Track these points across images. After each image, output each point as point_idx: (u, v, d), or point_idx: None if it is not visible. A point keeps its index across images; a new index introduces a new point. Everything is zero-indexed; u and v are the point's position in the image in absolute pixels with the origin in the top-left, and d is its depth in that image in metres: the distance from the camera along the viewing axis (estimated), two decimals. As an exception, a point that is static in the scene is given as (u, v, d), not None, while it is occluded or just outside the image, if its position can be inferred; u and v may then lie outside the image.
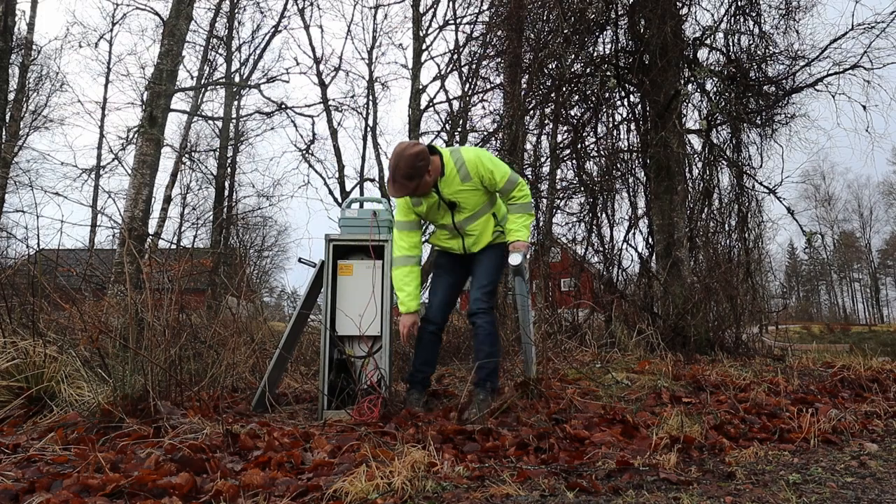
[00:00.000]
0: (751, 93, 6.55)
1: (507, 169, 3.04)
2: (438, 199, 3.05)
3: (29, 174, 16.44)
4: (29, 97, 16.54)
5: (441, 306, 3.22)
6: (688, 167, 6.39)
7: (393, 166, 2.80)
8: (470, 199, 3.04)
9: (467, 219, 3.09)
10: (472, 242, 3.16)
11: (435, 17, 16.15)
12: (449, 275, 3.28)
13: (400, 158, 2.79)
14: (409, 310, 3.07)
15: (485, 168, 2.96)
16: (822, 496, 1.69)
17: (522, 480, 1.80)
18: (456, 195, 3.02)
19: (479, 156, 2.99)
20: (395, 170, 2.80)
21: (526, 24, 6.72)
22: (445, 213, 3.10)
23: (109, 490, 1.61)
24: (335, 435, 2.46)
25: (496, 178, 2.98)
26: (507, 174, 3.02)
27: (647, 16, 5.88)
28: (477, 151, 3.03)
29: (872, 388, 3.53)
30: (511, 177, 3.03)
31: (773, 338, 6.16)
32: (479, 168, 2.95)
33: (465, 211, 3.07)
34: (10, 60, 10.48)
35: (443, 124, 15.16)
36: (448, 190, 3.00)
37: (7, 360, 2.66)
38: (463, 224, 3.11)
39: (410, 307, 3.06)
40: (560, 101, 6.54)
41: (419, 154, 2.80)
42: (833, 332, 26.40)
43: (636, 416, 2.67)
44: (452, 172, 2.97)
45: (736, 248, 6.55)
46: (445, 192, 3.01)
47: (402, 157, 2.78)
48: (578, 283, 6.53)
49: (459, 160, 2.97)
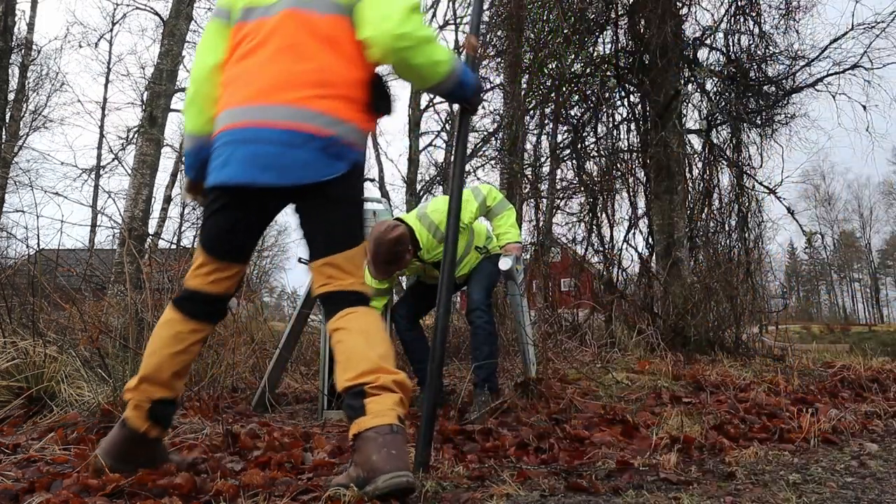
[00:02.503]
0: (751, 93, 6.55)
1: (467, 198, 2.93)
2: (423, 265, 3.05)
3: (29, 174, 16.47)
4: (29, 97, 16.55)
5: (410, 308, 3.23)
6: (688, 167, 6.40)
7: (373, 252, 2.73)
8: None
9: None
10: (462, 274, 3.17)
11: (435, 17, 16.18)
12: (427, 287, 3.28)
13: (380, 245, 2.72)
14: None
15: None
16: (822, 496, 1.69)
17: (522, 480, 1.80)
18: (438, 255, 2.97)
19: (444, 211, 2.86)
20: (376, 256, 2.75)
21: (526, 24, 6.72)
22: (432, 269, 3.09)
23: (109, 490, 1.61)
24: (335, 435, 2.46)
25: (465, 218, 2.90)
26: (471, 204, 2.93)
27: (647, 16, 5.88)
28: (441, 206, 2.92)
29: (872, 388, 3.53)
30: (476, 199, 2.97)
31: (773, 338, 6.16)
32: None
33: None
34: (10, 60, 10.49)
35: (443, 124, 15.20)
36: (430, 255, 2.98)
37: (7, 360, 2.66)
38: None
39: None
40: (560, 101, 6.54)
41: (398, 239, 2.74)
42: (833, 332, 26.39)
43: (636, 416, 2.67)
44: (429, 241, 2.93)
45: (736, 248, 6.55)
46: (428, 258, 2.99)
47: (381, 244, 2.71)
48: (578, 283, 6.53)
49: (431, 226, 2.91)
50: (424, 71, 1.71)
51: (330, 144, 1.61)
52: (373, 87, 1.72)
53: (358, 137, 1.69)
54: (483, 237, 3.20)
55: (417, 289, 3.33)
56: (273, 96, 1.63)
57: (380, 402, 1.50)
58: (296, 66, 1.64)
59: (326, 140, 1.60)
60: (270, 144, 1.59)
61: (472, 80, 1.90)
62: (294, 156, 1.58)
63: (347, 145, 1.65)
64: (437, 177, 16.08)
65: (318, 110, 1.62)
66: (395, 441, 1.46)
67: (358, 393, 1.52)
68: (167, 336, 1.72)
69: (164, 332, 1.73)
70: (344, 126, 1.65)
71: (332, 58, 1.66)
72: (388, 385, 1.53)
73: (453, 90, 1.84)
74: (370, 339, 1.59)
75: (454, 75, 1.79)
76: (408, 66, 1.68)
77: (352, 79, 1.69)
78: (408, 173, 15.43)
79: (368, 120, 1.73)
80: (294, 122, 1.60)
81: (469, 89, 1.88)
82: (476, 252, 3.15)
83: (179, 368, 1.73)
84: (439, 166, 16.09)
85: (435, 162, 16.58)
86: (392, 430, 1.47)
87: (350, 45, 1.68)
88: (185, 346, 1.73)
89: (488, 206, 3.00)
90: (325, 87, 1.64)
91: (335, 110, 1.64)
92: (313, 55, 1.65)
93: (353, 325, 1.62)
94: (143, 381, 1.71)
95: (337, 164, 1.62)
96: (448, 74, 1.77)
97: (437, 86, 1.80)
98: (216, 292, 1.77)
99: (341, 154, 1.63)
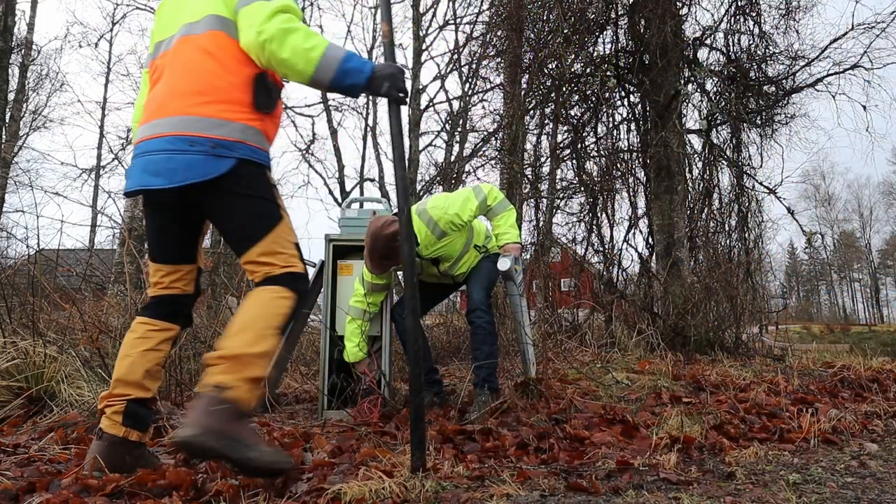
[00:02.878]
0: (751, 93, 6.55)
1: (467, 196, 2.96)
2: (421, 261, 3.05)
3: (29, 174, 16.47)
4: (29, 97, 16.54)
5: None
6: (688, 167, 6.40)
7: (370, 246, 2.74)
8: (452, 248, 3.04)
9: (453, 264, 3.11)
10: (461, 273, 3.17)
11: (435, 17, 16.19)
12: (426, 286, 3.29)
13: (376, 240, 2.73)
14: (358, 359, 3.06)
15: (453, 216, 2.89)
16: (822, 496, 1.69)
17: (522, 480, 1.80)
18: (437, 252, 3.00)
19: (444, 208, 2.91)
20: (373, 250, 2.76)
21: (526, 24, 6.72)
22: (430, 266, 3.10)
23: (109, 490, 1.61)
24: (335, 435, 2.46)
25: (464, 216, 2.91)
26: (471, 202, 2.94)
27: (647, 16, 5.88)
28: (441, 202, 2.94)
29: (872, 388, 3.53)
30: (477, 198, 2.97)
31: (773, 338, 6.16)
32: (449, 219, 2.90)
33: (449, 259, 3.09)
34: (10, 60, 10.49)
35: (443, 124, 15.18)
36: (427, 251, 2.98)
37: (7, 360, 2.66)
38: (450, 269, 3.13)
39: (358, 357, 3.05)
40: (560, 101, 6.54)
41: (395, 235, 2.72)
42: (833, 332, 26.39)
43: (636, 416, 2.67)
44: (428, 237, 2.93)
45: (736, 248, 6.56)
46: (426, 254, 2.99)
47: (378, 239, 2.72)
48: (578, 283, 6.53)
49: (430, 221, 2.91)
50: (296, 62, 1.73)
51: (215, 145, 1.73)
52: (255, 87, 1.82)
53: (247, 135, 1.79)
54: (482, 236, 3.20)
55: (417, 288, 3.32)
56: (162, 111, 1.79)
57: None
58: (181, 82, 1.81)
59: (210, 141, 1.74)
60: (159, 152, 1.75)
61: (364, 65, 1.81)
62: (180, 159, 1.72)
63: (233, 143, 1.76)
64: (436, 177, 16.09)
65: (200, 115, 1.75)
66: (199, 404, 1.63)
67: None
68: (135, 338, 1.87)
69: (132, 336, 1.88)
70: (228, 126, 1.76)
71: (213, 67, 1.79)
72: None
73: (340, 79, 1.77)
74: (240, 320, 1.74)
75: (333, 61, 1.75)
76: (280, 62, 1.75)
77: (233, 83, 1.80)
78: (408, 173, 15.42)
79: (258, 118, 1.83)
80: (178, 129, 1.75)
81: (361, 75, 1.79)
82: (475, 251, 3.16)
83: (150, 367, 1.86)
84: (439, 166, 16.09)
85: (435, 162, 16.58)
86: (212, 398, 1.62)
87: (230, 54, 1.82)
88: (154, 343, 1.87)
89: (489, 205, 3.00)
90: (206, 95, 1.77)
91: (217, 113, 1.76)
92: (197, 69, 1.80)
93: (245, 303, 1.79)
94: (118, 383, 1.82)
95: (222, 161, 1.73)
96: (321, 60, 1.74)
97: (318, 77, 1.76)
98: (173, 293, 1.94)
99: (226, 152, 1.74)
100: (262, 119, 1.84)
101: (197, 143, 1.72)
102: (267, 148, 1.88)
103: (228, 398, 1.60)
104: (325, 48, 1.75)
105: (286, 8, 1.77)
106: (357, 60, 1.80)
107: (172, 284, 1.93)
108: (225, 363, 1.65)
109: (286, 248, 1.84)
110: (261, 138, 1.84)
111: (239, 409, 1.62)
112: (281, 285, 1.79)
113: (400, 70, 1.85)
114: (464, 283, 3.22)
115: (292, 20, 1.76)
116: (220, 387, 1.61)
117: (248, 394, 1.65)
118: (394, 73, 1.83)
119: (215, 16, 1.83)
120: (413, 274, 1.96)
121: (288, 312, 1.79)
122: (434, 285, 3.31)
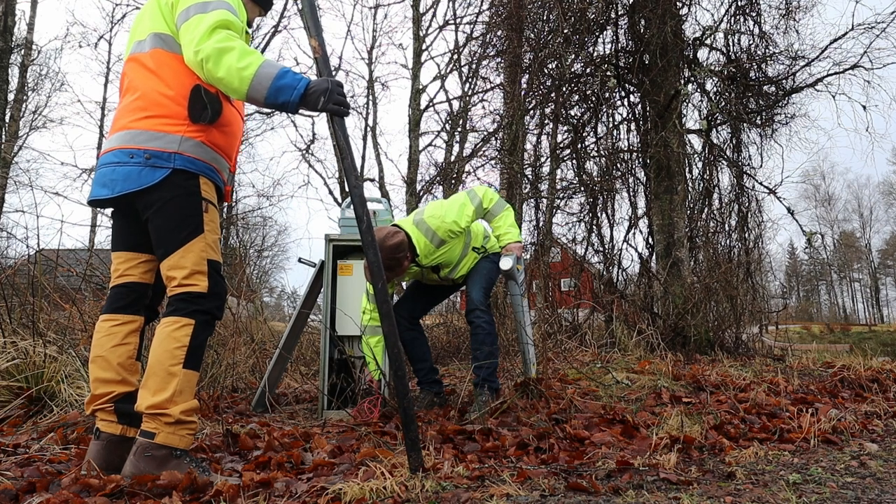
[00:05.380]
0: (751, 93, 6.55)
1: (463, 202, 2.96)
2: (421, 269, 3.07)
3: (29, 174, 16.47)
4: (29, 97, 16.54)
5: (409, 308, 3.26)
6: (688, 167, 6.40)
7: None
8: (451, 254, 3.05)
9: (453, 269, 3.13)
10: (461, 275, 3.19)
11: (435, 17, 16.19)
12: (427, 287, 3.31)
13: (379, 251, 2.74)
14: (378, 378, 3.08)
15: (451, 223, 2.89)
16: (822, 496, 1.69)
17: (522, 480, 1.80)
18: (437, 260, 3.02)
19: (441, 216, 2.91)
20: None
21: (526, 24, 6.72)
22: (430, 273, 3.12)
23: (109, 490, 1.61)
24: (335, 435, 2.46)
25: (462, 223, 2.91)
26: (468, 207, 2.94)
27: (647, 16, 5.88)
28: (437, 211, 2.94)
29: (872, 388, 3.53)
30: (472, 202, 2.96)
31: (773, 338, 6.16)
32: (447, 227, 2.90)
33: (449, 265, 3.10)
34: (10, 60, 10.49)
35: (443, 124, 15.19)
36: (427, 260, 2.99)
37: (7, 360, 2.66)
38: (450, 274, 3.14)
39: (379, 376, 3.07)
40: (560, 101, 6.54)
41: (398, 246, 2.77)
42: (833, 332, 26.41)
43: (636, 416, 2.67)
44: (427, 247, 2.93)
45: (736, 248, 6.55)
46: (426, 263, 3.01)
47: (381, 250, 2.70)
48: (578, 283, 6.53)
49: (428, 231, 2.92)
50: (230, 80, 1.77)
51: (150, 156, 1.83)
52: (190, 99, 1.88)
53: (184, 147, 1.86)
54: (480, 237, 3.20)
55: (417, 289, 3.33)
56: (115, 127, 1.92)
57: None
58: (129, 99, 1.92)
59: (146, 153, 1.84)
60: (106, 165, 1.88)
61: (298, 82, 1.81)
62: (120, 171, 1.84)
63: (169, 154, 1.84)
64: (436, 177, 16.09)
65: (140, 129, 1.85)
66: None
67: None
68: (101, 337, 1.92)
69: (97, 336, 1.93)
70: (164, 139, 1.84)
71: (153, 84, 1.89)
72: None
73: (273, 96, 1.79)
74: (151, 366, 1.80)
75: (265, 79, 1.77)
76: (216, 80, 1.80)
77: (172, 97, 1.87)
78: (408, 173, 15.43)
79: (198, 129, 1.89)
80: (121, 143, 1.86)
81: (294, 92, 1.79)
82: (473, 252, 3.16)
83: (123, 360, 1.90)
84: (439, 166, 16.09)
85: (435, 162, 16.58)
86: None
87: (170, 69, 1.89)
88: (120, 339, 1.91)
89: (485, 207, 3.00)
90: (147, 110, 1.87)
91: (154, 126, 1.85)
92: (140, 86, 1.90)
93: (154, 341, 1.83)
94: (97, 383, 1.87)
95: (156, 172, 1.83)
96: (254, 79, 1.76)
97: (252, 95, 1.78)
98: (129, 281, 1.98)
99: (161, 163, 1.83)
100: (204, 130, 1.89)
101: (136, 156, 1.84)
102: (208, 158, 1.91)
103: (157, 443, 1.73)
104: (257, 66, 1.77)
105: (224, 23, 1.81)
106: (290, 78, 1.81)
107: (128, 272, 1.98)
108: (144, 414, 1.75)
109: (194, 265, 1.85)
110: (202, 149, 1.90)
111: (172, 450, 1.74)
112: (174, 315, 1.82)
113: (336, 83, 1.86)
114: (464, 283, 3.22)
115: (230, 38, 1.78)
116: (146, 433, 1.74)
117: (174, 435, 1.75)
118: (329, 87, 1.83)
119: (155, 34, 1.92)
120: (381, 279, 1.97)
121: (189, 341, 1.80)
122: (434, 287, 3.32)
